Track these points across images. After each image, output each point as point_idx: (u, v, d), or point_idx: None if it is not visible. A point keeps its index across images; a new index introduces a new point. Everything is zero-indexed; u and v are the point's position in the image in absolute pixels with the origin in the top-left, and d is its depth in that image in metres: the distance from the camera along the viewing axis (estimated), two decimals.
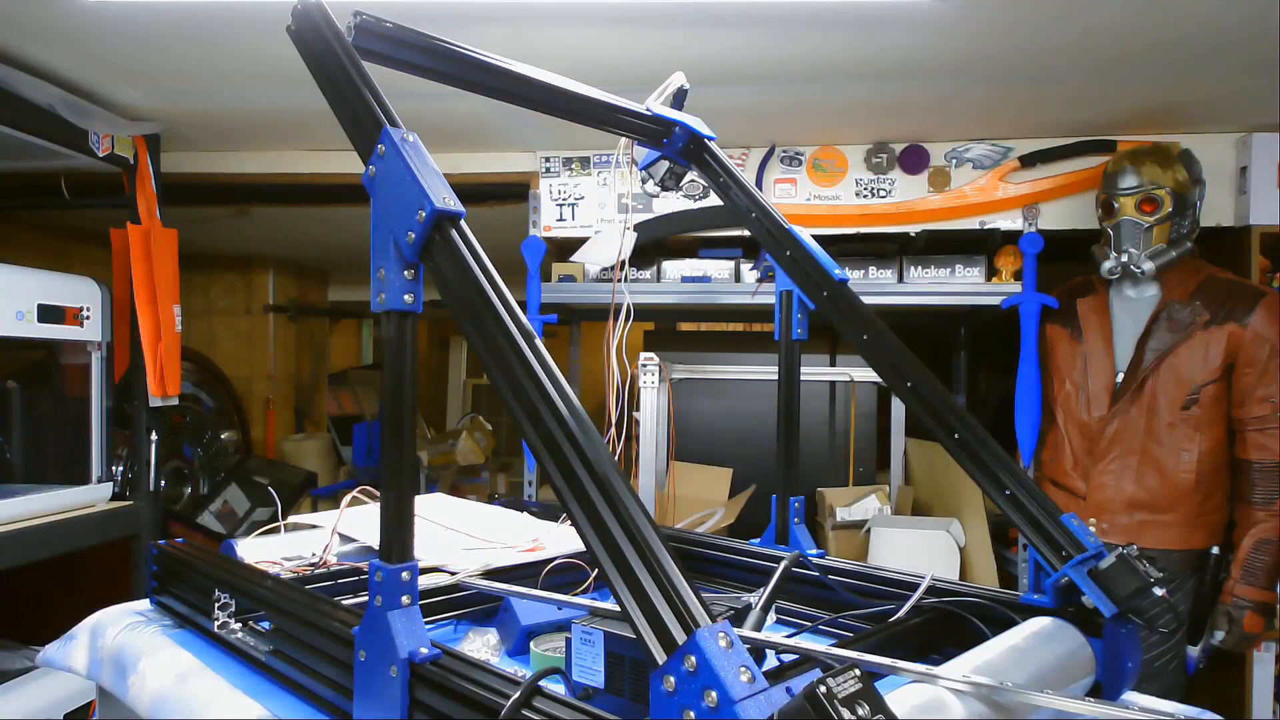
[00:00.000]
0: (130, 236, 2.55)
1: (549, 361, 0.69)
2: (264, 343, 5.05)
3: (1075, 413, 2.36)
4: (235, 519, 4.16)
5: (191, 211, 3.23)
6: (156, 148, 2.69)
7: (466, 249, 0.73)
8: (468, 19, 1.90)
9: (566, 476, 0.64)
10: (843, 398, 2.93)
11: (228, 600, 1.01)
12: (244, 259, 4.96)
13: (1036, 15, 1.82)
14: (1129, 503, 2.25)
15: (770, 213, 1.23)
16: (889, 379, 1.13)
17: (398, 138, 0.76)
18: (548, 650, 0.99)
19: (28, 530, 2.22)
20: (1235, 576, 2.16)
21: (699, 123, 1.30)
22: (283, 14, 0.90)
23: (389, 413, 0.78)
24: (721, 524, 2.63)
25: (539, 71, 1.11)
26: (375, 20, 0.93)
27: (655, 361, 2.78)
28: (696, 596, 0.57)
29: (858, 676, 0.55)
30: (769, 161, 2.80)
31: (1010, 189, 2.68)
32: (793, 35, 1.97)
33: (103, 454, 2.51)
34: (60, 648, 1.21)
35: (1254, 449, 2.17)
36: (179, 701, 0.95)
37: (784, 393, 1.29)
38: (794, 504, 1.26)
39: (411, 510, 0.78)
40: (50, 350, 2.52)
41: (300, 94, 2.36)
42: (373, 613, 0.76)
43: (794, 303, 1.26)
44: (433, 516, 1.37)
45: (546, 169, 2.92)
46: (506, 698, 0.66)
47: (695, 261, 2.86)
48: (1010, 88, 2.26)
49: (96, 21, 1.92)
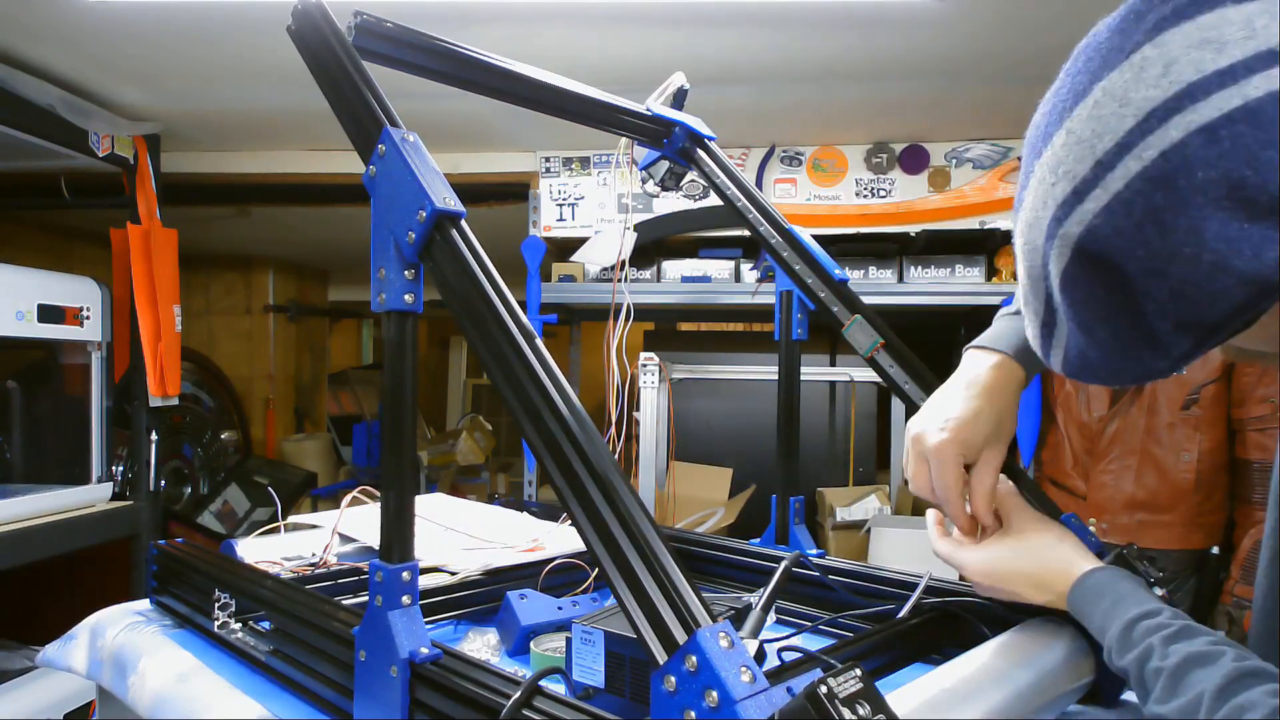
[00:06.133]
0: (130, 236, 2.55)
1: (549, 361, 0.69)
2: (264, 343, 5.05)
3: (1075, 412, 2.36)
4: (235, 519, 4.16)
5: (191, 211, 3.23)
6: (156, 148, 2.69)
7: (467, 249, 0.73)
8: (468, 19, 1.90)
9: (567, 476, 0.64)
10: (843, 398, 2.93)
11: (228, 600, 1.01)
12: (244, 259, 4.97)
13: (1036, 15, 1.82)
14: (1129, 502, 2.25)
15: (770, 213, 1.23)
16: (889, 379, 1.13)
17: (398, 137, 0.76)
18: (548, 650, 0.99)
19: (28, 530, 2.22)
20: (1235, 576, 2.16)
21: (699, 123, 1.30)
22: (283, 14, 0.90)
23: (389, 413, 0.78)
24: (721, 524, 2.63)
25: (539, 71, 1.11)
26: (376, 20, 0.93)
27: (655, 361, 2.78)
28: (697, 596, 0.57)
29: (859, 676, 0.55)
30: (769, 161, 2.80)
31: (1010, 189, 2.68)
32: (792, 35, 1.97)
33: (103, 454, 2.51)
34: (60, 648, 1.21)
35: (1254, 449, 2.17)
36: (179, 701, 0.95)
37: (784, 393, 1.29)
38: (794, 504, 1.26)
39: (412, 510, 0.78)
40: (50, 350, 2.52)
41: (300, 94, 2.37)
42: (373, 613, 0.76)
43: (794, 303, 1.26)
44: (433, 516, 1.37)
45: (546, 169, 2.92)
46: (507, 697, 0.66)
47: (695, 261, 2.86)
48: (1010, 88, 2.26)
49: (96, 21, 1.92)
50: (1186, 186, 0.48)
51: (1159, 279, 0.50)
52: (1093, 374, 0.59)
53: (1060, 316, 0.58)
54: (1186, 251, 0.49)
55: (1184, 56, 0.48)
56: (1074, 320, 0.57)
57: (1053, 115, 0.56)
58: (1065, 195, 0.54)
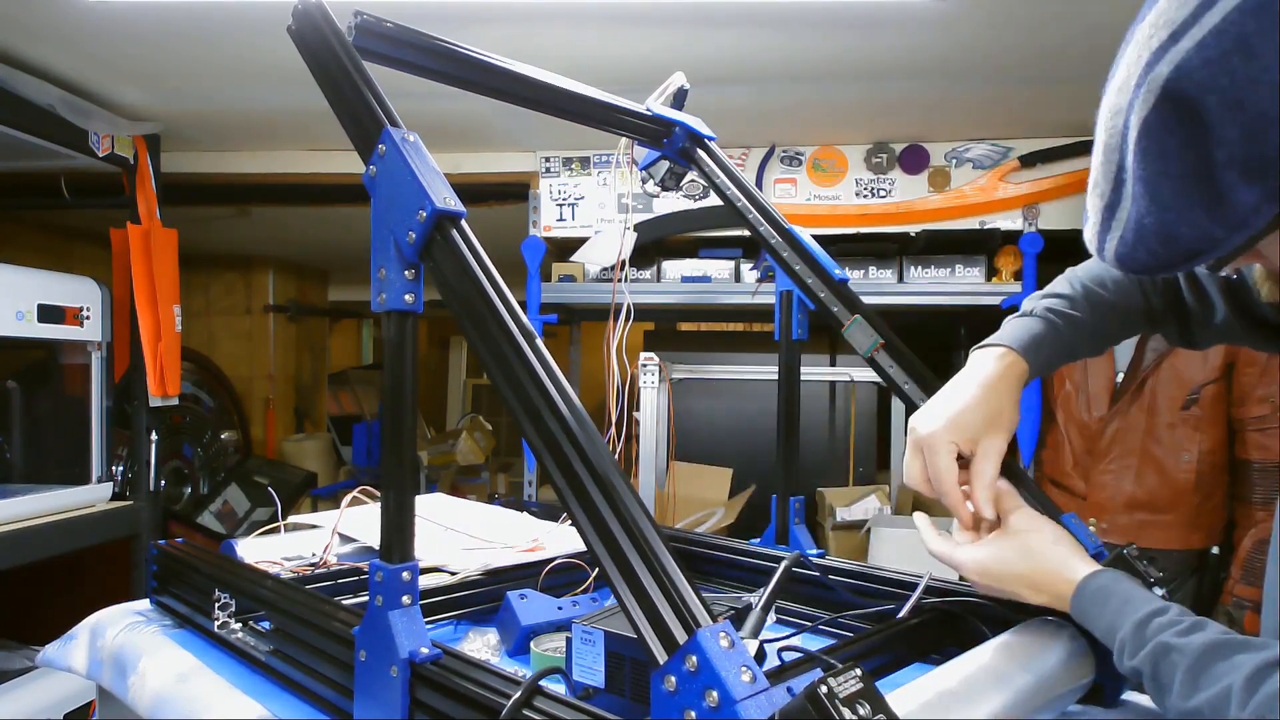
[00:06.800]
0: (130, 236, 2.55)
1: (549, 361, 0.69)
2: (264, 343, 5.05)
3: (1075, 412, 2.36)
4: (235, 519, 4.16)
5: (191, 211, 3.23)
6: (156, 148, 2.69)
7: (467, 249, 0.73)
8: (468, 19, 1.90)
9: (567, 476, 0.64)
10: (843, 398, 2.93)
11: (228, 600, 1.01)
12: (244, 259, 4.96)
13: (1036, 15, 1.82)
14: (1129, 502, 2.25)
15: (770, 213, 1.23)
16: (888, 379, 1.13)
17: (398, 137, 0.76)
18: (548, 650, 0.99)
19: (28, 530, 2.22)
20: (1235, 576, 2.16)
21: (699, 123, 1.30)
22: (283, 14, 0.90)
23: (389, 413, 0.78)
24: (721, 524, 2.63)
25: (539, 71, 1.11)
26: (376, 20, 0.93)
27: (655, 361, 2.78)
28: (697, 596, 0.57)
29: (859, 676, 0.55)
30: (769, 161, 2.80)
31: (1010, 189, 2.68)
32: (792, 35, 1.96)
33: (103, 454, 2.51)
34: (60, 648, 1.21)
35: (1254, 449, 2.17)
36: (179, 701, 0.95)
37: (784, 393, 1.29)
38: (794, 504, 1.26)
39: (412, 510, 0.78)
40: (50, 350, 2.52)
41: (300, 94, 2.36)
42: (373, 613, 0.76)
43: (794, 303, 1.26)
44: (433, 516, 1.37)
45: (546, 169, 2.92)
46: (507, 697, 0.66)
47: (695, 261, 2.86)
48: (1010, 88, 2.26)
49: (96, 21, 1.92)
50: (1278, 13, 0.51)
51: (1237, 112, 0.52)
52: (1144, 244, 0.59)
53: (1127, 188, 0.59)
54: (1267, 79, 0.51)
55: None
56: (1141, 179, 0.58)
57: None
58: (1162, 41, 0.56)
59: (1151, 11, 0.59)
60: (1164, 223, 0.58)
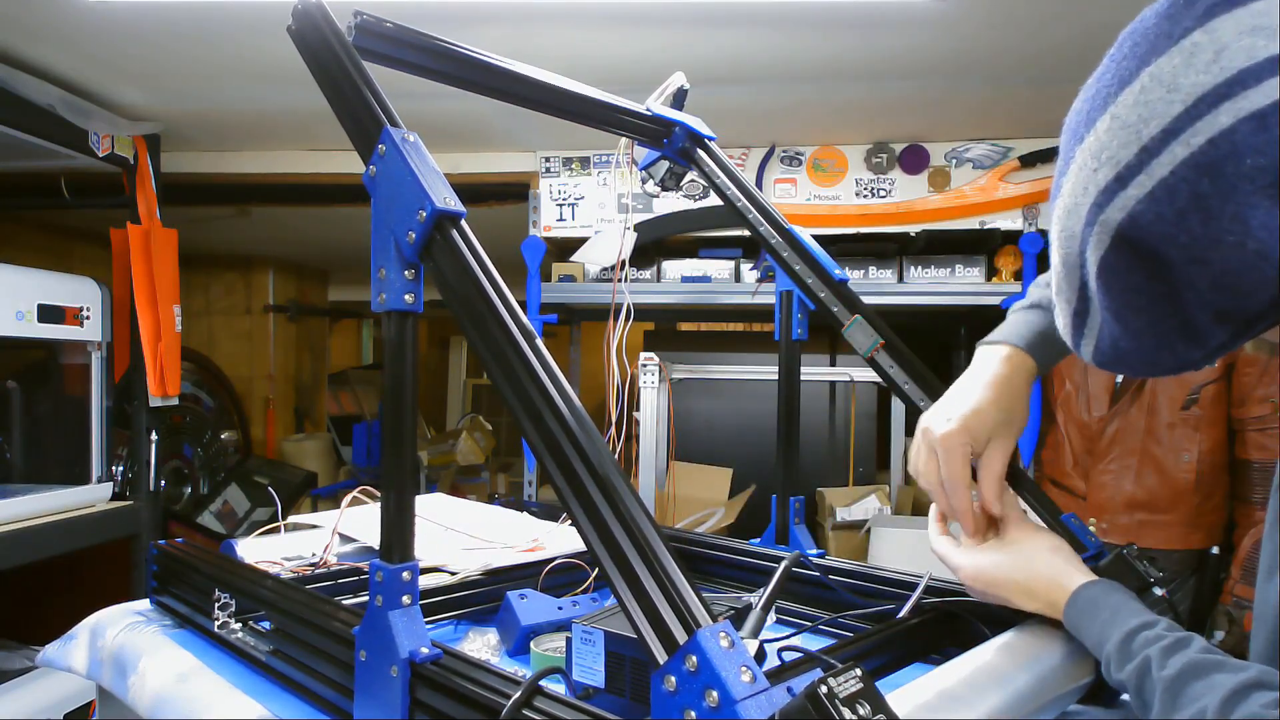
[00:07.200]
0: (130, 236, 2.55)
1: (549, 361, 0.69)
2: (264, 343, 5.05)
3: (1075, 412, 2.36)
4: (235, 519, 4.16)
5: (191, 211, 3.23)
6: (156, 148, 2.69)
7: (467, 249, 0.73)
8: (468, 19, 1.90)
9: (567, 476, 0.64)
10: (843, 398, 2.93)
11: (228, 600, 1.01)
12: (244, 259, 4.96)
13: (1036, 15, 1.82)
14: (1129, 502, 2.25)
15: (770, 213, 1.23)
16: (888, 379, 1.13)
17: (398, 137, 0.76)
18: (548, 650, 0.99)
19: (28, 530, 2.22)
20: (1235, 576, 2.16)
21: (699, 123, 1.30)
22: (283, 14, 0.90)
23: (389, 413, 0.78)
24: (721, 524, 2.63)
25: (539, 71, 1.11)
26: (376, 20, 0.93)
27: (655, 361, 2.78)
28: (697, 596, 0.57)
29: (859, 676, 0.55)
30: (769, 161, 2.80)
31: (1010, 189, 2.68)
32: (792, 35, 1.97)
33: (103, 454, 2.51)
34: (60, 648, 1.21)
35: (1254, 449, 2.16)
36: (179, 701, 0.95)
37: (784, 393, 1.29)
38: (794, 504, 1.26)
39: (412, 510, 0.78)
40: (50, 350, 2.52)
41: (300, 94, 2.37)
42: (373, 613, 0.76)
43: (794, 303, 1.26)
44: (433, 516, 1.37)
45: (546, 169, 2.92)
46: (507, 697, 0.66)
47: (695, 261, 2.86)
48: (1010, 88, 2.26)
49: (96, 21, 1.92)
50: (1234, 173, 0.48)
51: (1201, 267, 0.50)
52: (1125, 364, 0.59)
53: (1094, 305, 0.58)
54: (1230, 240, 0.49)
55: (1236, 43, 0.48)
56: (1109, 309, 0.57)
57: (1096, 101, 0.55)
58: (1108, 181, 0.53)
59: (1091, 136, 0.55)
60: (1143, 348, 0.57)
